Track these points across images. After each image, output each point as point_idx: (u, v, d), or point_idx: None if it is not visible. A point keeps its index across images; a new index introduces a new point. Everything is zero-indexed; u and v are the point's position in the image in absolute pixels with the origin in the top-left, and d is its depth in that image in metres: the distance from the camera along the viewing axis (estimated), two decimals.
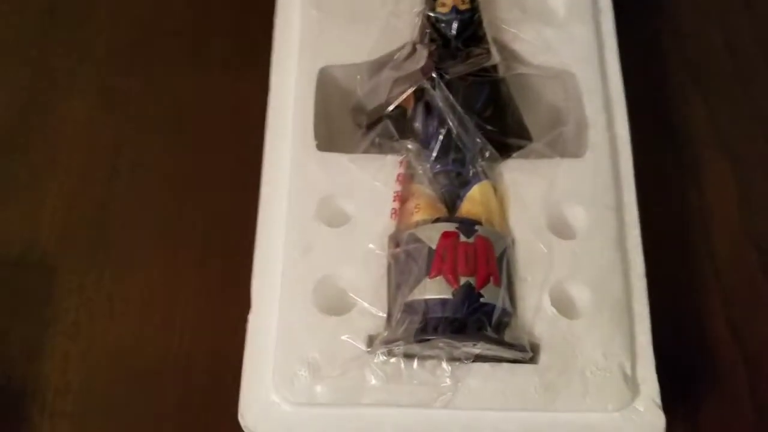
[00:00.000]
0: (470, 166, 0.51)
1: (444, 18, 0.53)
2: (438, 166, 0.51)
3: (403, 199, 0.51)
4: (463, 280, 0.45)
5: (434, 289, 0.45)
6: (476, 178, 0.51)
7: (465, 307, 0.44)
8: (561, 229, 0.50)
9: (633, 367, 0.46)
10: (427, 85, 0.50)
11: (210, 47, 0.68)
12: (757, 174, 0.65)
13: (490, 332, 0.44)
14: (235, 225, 0.57)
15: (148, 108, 0.66)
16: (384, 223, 0.50)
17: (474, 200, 0.50)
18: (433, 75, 0.50)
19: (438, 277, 0.45)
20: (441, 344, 0.44)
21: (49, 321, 0.57)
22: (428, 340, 0.44)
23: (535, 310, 0.47)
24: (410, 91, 0.51)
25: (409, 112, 0.53)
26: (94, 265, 0.60)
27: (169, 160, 0.63)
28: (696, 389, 0.56)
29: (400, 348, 0.44)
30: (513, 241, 0.49)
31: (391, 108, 0.51)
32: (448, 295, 0.45)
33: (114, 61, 0.68)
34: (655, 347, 0.48)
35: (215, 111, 0.65)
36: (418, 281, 0.46)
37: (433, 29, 0.53)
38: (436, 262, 0.46)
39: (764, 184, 0.65)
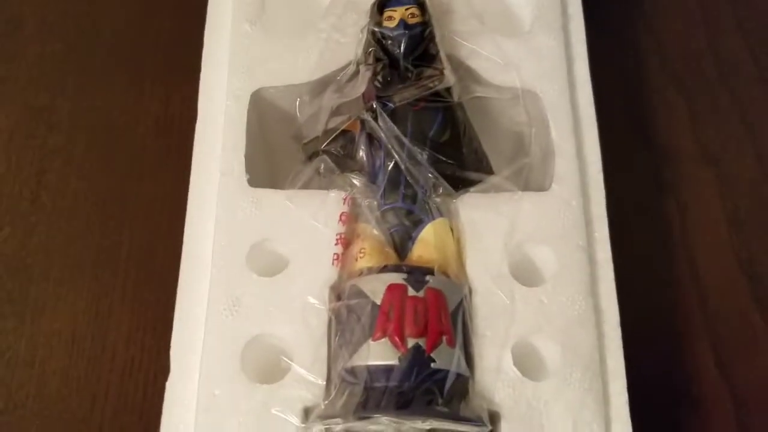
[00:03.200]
0: (422, 203, 0.45)
1: (391, 34, 0.47)
2: (386, 203, 0.45)
3: (346, 242, 0.45)
4: (411, 343, 0.40)
5: (378, 354, 0.40)
6: (429, 216, 0.45)
7: (413, 375, 0.39)
8: (525, 275, 0.45)
9: None
10: (367, 116, 0.44)
11: (144, 66, 0.63)
12: (747, 189, 0.60)
13: (441, 406, 0.39)
14: (169, 260, 0.52)
15: (76, 130, 0.61)
16: (325, 271, 0.44)
17: (426, 243, 0.44)
18: (374, 105, 0.43)
19: (383, 339, 0.40)
20: (386, 420, 0.38)
21: None
22: (370, 417, 0.38)
23: (495, 372, 0.42)
24: (347, 124, 0.44)
25: (356, 137, 0.47)
26: (13, 308, 0.55)
27: (96, 187, 0.59)
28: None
29: (338, 425, 0.38)
30: (470, 291, 0.44)
31: (327, 143, 0.45)
32: (393, 361, 0.39)
33: (41, 80, 0.63)
34: (633, 390, 0.43)
35: (147, 132, 0.61)
36: (360, 343, 0.40)
37: (378, 47, 0.47)
38: (381, 321, 0.40)
39: (754, 201, 0.60)
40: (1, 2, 0.66)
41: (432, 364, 0.39)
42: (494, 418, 0.41)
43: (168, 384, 0.43)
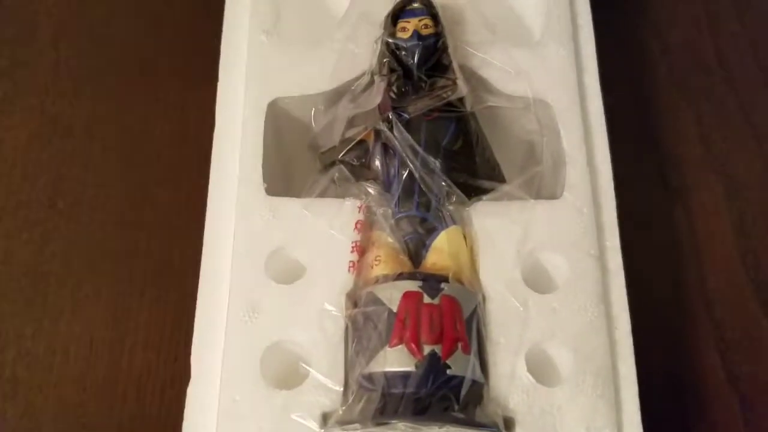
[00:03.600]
0: (436, 211, 0.46)
1: (405, 45, 0.48)
2: (400, 211, 0.46)
3: (362, 249, 0.46)
4: (427, 350, 0.40)
5: (395, 361, 0.40)
6: (443, 224, 0.46)
7: (429, 381, 0.40)
8: (538, 282, 0.45)
9: None
10: (382, 127, 0.45)
11: (159, 73, 0.63)
12: (753, 195, 0.61)
13: (457, 412, 0.39)
14: (185, 266, 0.53)
15: (92, 137, 0.61)
16: (341, 279, 0.45)
17: (440, 251, 0.45)
18: (390, 116, 0.44)
19: (399, 346, 0.41)
20: (403, 426, 0.39)
21: None
22: (387, 423, 0.39)
23: (509, 378, 0.42)
24: (363, 134, 0.45)
25: (370, 147, 0.48)
26: (32, 313, 0.55)
27: (113, 193, 0.59)
28: None
29: (357, 430, 0.39)
30: (484, 298, 0.44)
31: (343, 153, 0.46)
32: (410, 368, 0.40)
33: (56, 87, 0.63)
34: (644, 397, 0.44)
35: (163, 138, 0.61)
36: (377, 350, 0.41)
37: (393, 58, 0.48)
38: (397, 328, 0.41)
39: (761, 206, 0.60)
40: (15, 9, 0.66)
41: (448, 371, 0.40)
42: (509, 423, 0.41)
43: (189, 389, 0.43)
